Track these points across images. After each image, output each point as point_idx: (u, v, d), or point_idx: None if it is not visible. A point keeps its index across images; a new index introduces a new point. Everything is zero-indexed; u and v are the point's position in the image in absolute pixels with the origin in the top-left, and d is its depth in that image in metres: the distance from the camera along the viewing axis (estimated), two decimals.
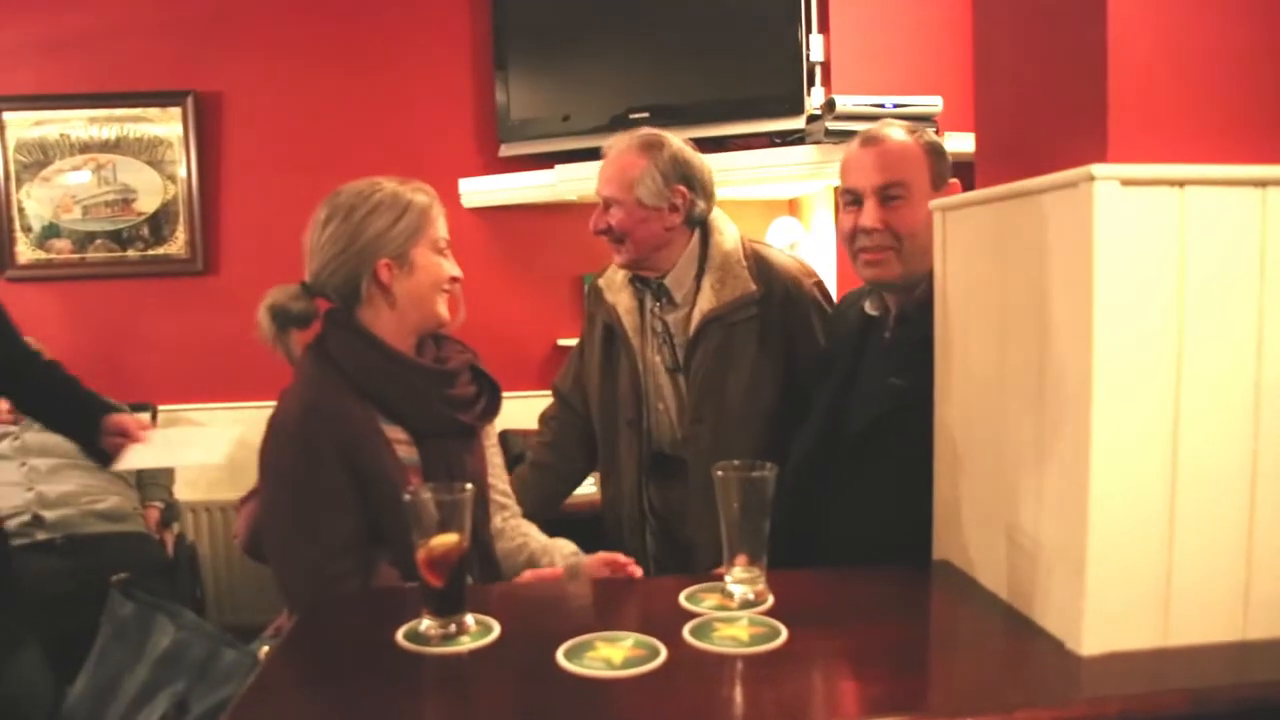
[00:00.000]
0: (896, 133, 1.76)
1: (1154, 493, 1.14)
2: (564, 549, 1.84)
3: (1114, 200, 1.10)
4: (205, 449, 2.07)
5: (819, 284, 2.21)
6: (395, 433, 1.67)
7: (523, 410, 2.47)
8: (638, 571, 1.71)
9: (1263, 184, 1.13)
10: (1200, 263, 1.13)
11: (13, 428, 3.29)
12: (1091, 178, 1.09)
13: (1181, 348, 1.13)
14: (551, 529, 2.04)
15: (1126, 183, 1.10)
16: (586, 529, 2.19)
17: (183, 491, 3.59)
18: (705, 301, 2.10)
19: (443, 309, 1.72)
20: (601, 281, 2.32)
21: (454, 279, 1.74)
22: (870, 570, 1.53)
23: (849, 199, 1.78)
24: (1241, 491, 1.16)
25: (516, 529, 1.89)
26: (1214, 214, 1.12)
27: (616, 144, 2.15)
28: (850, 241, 1.78)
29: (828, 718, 1.07)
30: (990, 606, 1.34)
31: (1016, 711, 1.04)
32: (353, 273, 1.66)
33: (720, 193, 3.14)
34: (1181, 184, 1.12)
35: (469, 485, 1.31)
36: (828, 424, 1.84)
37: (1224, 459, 1.16)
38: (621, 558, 1.73)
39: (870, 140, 1.77)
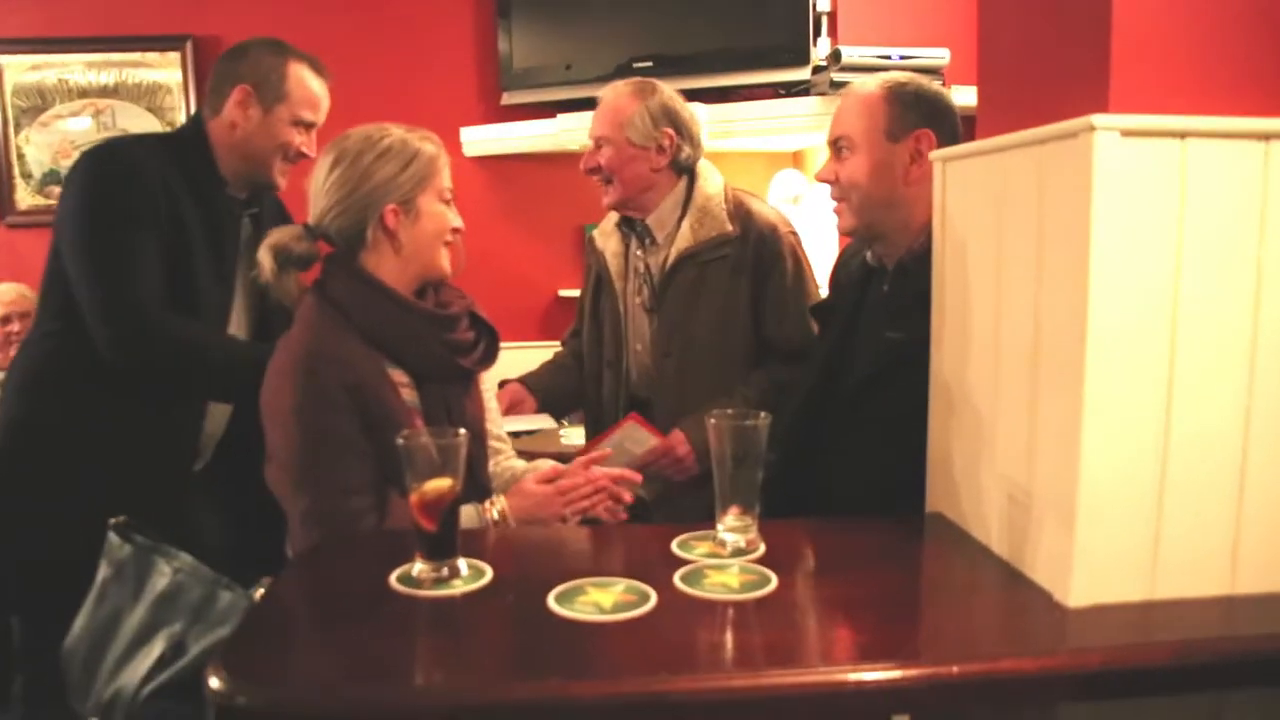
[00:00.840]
0: (865, 85, 1.76)
1: (1146, 446, 1.14)
2: (544, 466, 1.87)
3: (1114, 151, 1.08)
4: None
5: (795, 235, 2.27)
6: (397, 376, 1.68)
7: (526, 360, 2.48)
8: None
9: (1266, 137, 1.11)
10: (1200, 216, 1.11)
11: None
12: (1092, 128, 1.08)
13: (1178, 301, 1.12)
14: None
15: (1127, 133, 1.09)
16: None
17: None
18: (682, 240, 2.19)
19: (445, 259, 1.73)
20: (595, 231, 2.42)
21: (456, 230, 1.75)
22: (863, 521, 1.53)
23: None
24: (1234, 446, 1.16)
25: (507, 468, 1.91)
26: (1215, 167, 1.11)
27: (611, 89, 2.24)
28: None
29: (814, 664, 1.08)
30: (981, 558, 1.35)
31: (1001, 660, 1.05)
32: (358, 216, 1.66)
33: (724, 144, 3.17)
34: (1183, 135, 1.10)
35: (462, 430, 1.32)
36: (825, 375, 1.84)
37: (1218, 414, 1.15)
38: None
39: (843, 94, 1.80)
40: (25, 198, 3.73)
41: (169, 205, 1.97)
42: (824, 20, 3.07)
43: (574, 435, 2.93)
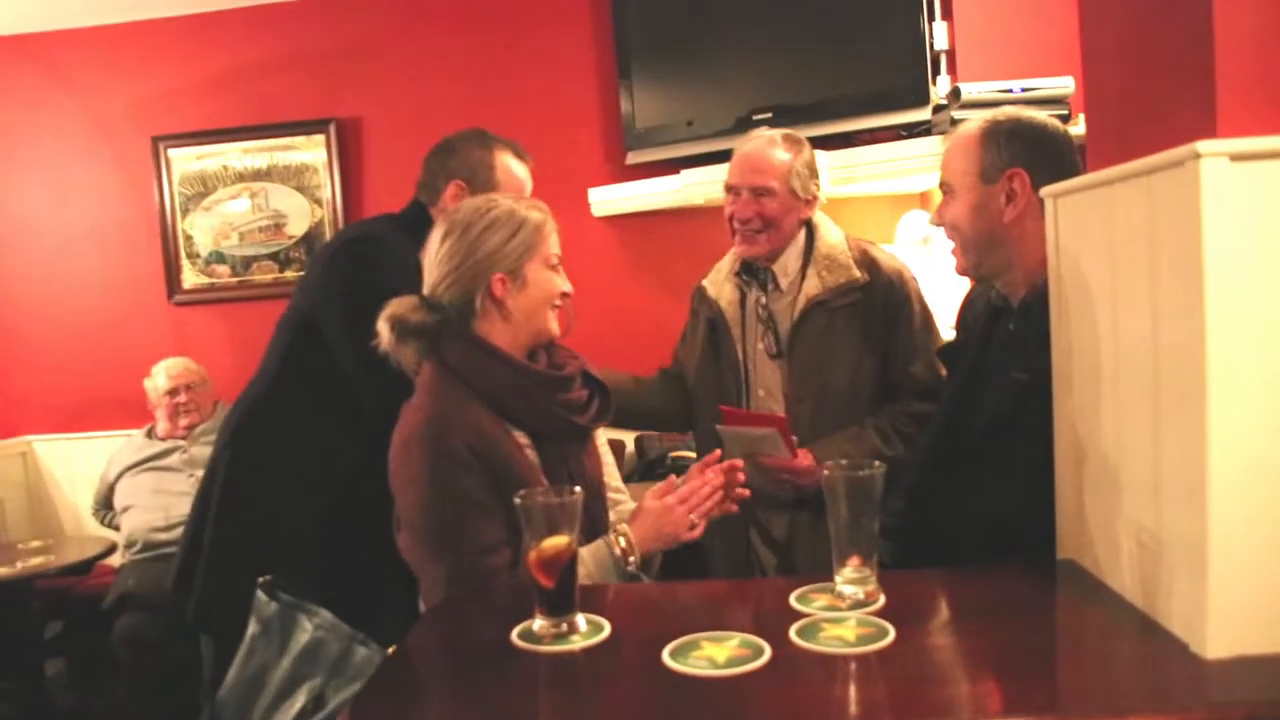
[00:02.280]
0: (967, 126, 1.75)
1: None
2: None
3: (1223, 177, 1.04)
4: None
5: (916, 280, 2.29)
6: (517, 437, 1.73)
7: None
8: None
9: None
10: None
11: (182, 442, 3.54)
12: (1197, 155, 1.04)
13: None
14: None
15: (1236, 158, 1.04)
16: None
17: None
18: (811, 287, 2.21)
19: (553, 323, 1.79)
20: (705, 281, 2.45)
21: (565, 294, 1.80)
22: (990, 570, 1.48)
23: None
24: None
25: (627, 513, 1.93)
26: None
27: (760, 139, 2.27)
28: None
29: (925, 717, 1.04)
30: (1115, 607, 1.29)
31: (1130, 715, 1.00)
32: (468, 286, 1.73)
33: (849, 189, 3.16)
34: None
35: (578, 489, 1.35)
36: (953, 417, 1.80)
37: None
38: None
39: (947, 137, 1.80)
40: (190, 277, 4.01)
41: None
42: (942, 58, 3.03)
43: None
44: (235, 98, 3.90)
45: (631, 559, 1.67)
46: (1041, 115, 1.73)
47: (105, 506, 3.66)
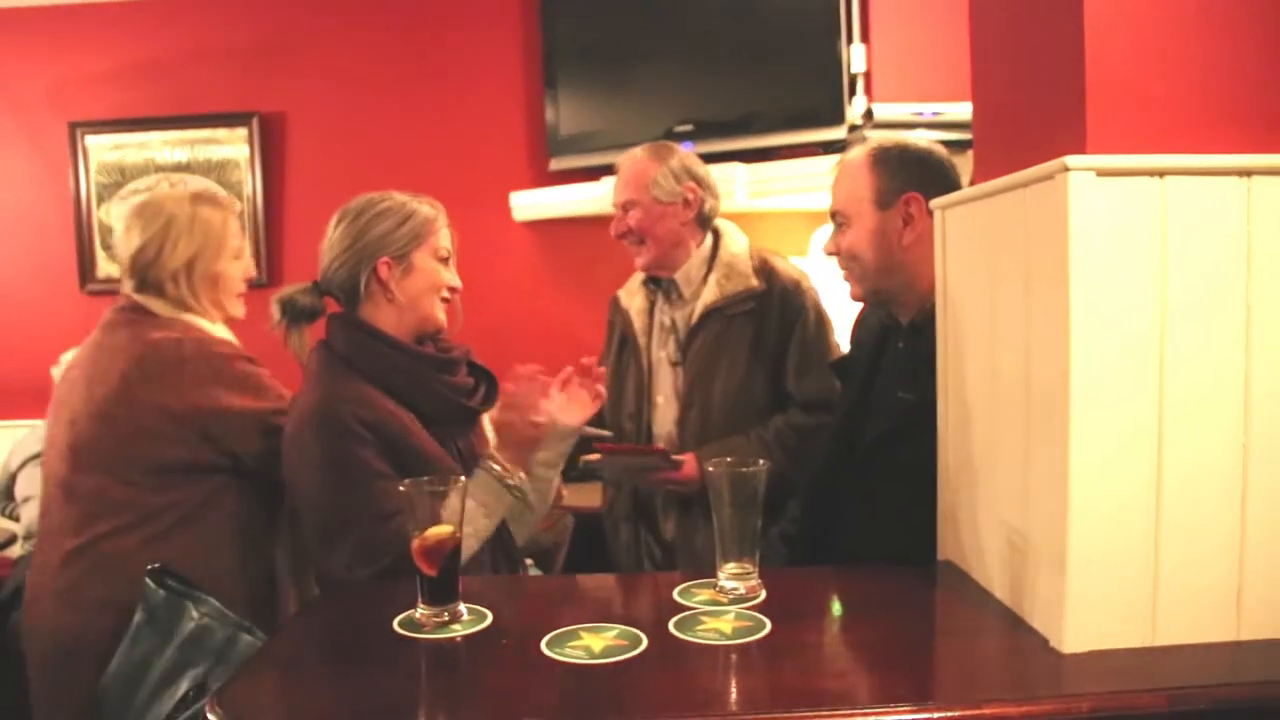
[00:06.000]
0: (855, 154, 1.75)
1: (1138, 488, 1.12)
2: None
3: (1089, 191, 1.08)
4: None
5: (816, 291, 2.31)
6: (408, 418, 1.73)
7: None
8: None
9: (1247, 173, 1.10)
10: (1183, 255, 1.11)
11: None
12: (1065, 169, 1.08)
13: (1165, 342, 1.11)
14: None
15: (1103, 173, 1.09)
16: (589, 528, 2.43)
17: None
18: (709, 295, 2.24)
19: (440, 313, 1.82)
20: (620, 292, 2.49)
21: (453, 288, 1.83)
22: (872, 569, 1.52)
23: None
24: (1232, 487, 1.13)
25: None
26: (1196, 204, 1.10)
27: (628, 156, 2.33)
28: None
29: (785, 707, 1.06)
30: (984, 604, 1.33)
31: (985, 706, 1.03)
32: (355, 269, 1.76)
33: (765, 203, 3.21)
34: (1161, 174, 1.10)
35: (462, 478, 1.36)
36: (846, 430, 1.84)
37: (1213, 454, 1.13)
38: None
39: (836, 165, 1.79)
40: (106, 267, 3.92)
41: None
42: (859, 80, 3.10)
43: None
44: (156, 87, 3.82)
45: (509, 478, 1.73)
46: (924, 141, 1.77)
47: (5, 497, 3.53)
